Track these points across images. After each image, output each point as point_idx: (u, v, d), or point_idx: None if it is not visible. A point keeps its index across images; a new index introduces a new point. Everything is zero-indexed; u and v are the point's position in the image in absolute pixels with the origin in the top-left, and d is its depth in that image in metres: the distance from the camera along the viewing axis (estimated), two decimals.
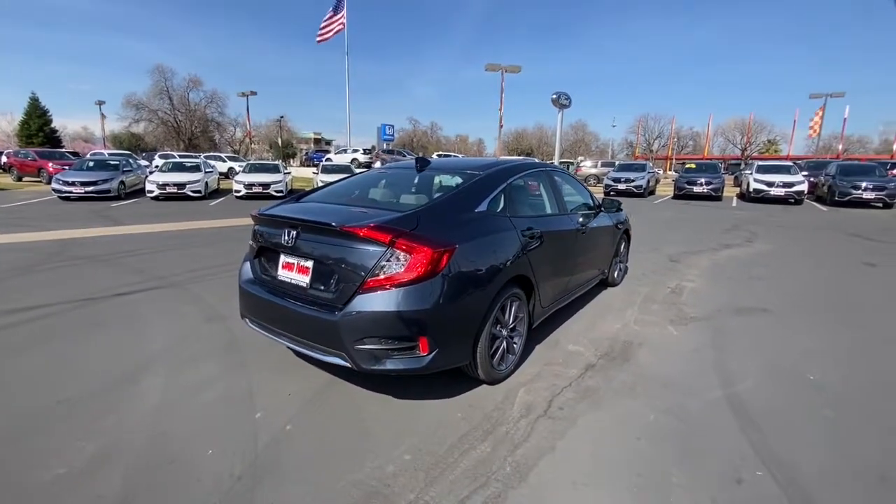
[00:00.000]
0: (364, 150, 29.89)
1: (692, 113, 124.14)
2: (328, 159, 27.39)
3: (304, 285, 2.56)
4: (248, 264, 2.98)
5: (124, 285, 5.00)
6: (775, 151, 58.92)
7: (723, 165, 25.06)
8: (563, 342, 3.59)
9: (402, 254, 2.27)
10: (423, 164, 3.41)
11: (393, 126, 45.79)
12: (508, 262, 2.74)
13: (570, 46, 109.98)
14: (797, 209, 14.36)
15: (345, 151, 29.53)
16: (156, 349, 3.38)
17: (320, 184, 7.24)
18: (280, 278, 2.70)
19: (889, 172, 15.79)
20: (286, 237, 2.59)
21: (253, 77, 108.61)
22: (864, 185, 14.56)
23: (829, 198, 15.41)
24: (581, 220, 3.93)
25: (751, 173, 17.13)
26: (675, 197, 17.83)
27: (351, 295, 2.35)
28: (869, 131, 57.84)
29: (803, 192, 15.72)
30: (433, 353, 2.35)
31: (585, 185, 6.23)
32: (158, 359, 3.22)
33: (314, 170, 18.81)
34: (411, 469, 2.12)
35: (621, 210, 4.84)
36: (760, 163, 18.52)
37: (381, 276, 2.29)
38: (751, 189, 16.35)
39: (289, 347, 2.92)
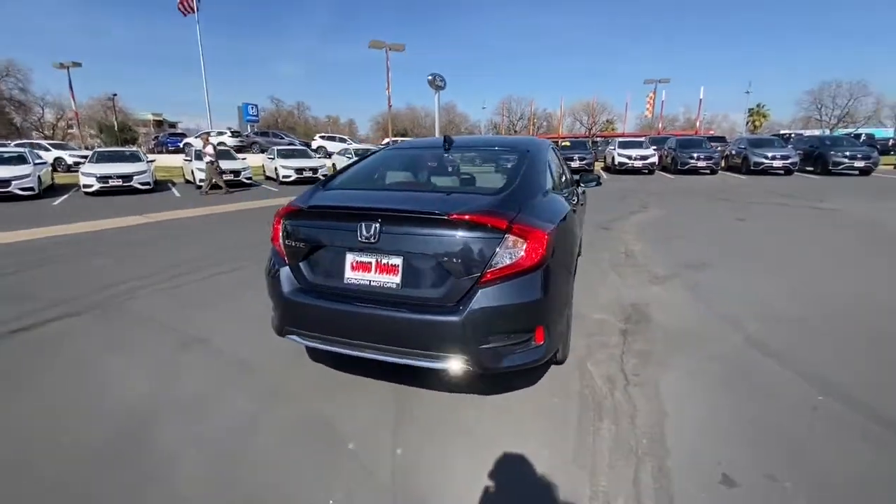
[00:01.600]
0: (232, 131, 26.47)
1: (546, 96, 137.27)
2: (188, 144, 23.73)
3: (395, 286, 2.19)
4: (285, 271, 2.43)
5: (24, 315, 3.70)
6: (612, 129, 68.54)
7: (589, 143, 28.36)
8: (585, 312, 3.74)
9: (519, 240, 2.08)
10: (449, 143, 3.15)
11: (256, 106, 41.41)
12: (575, 239, 2.73)
13: (438, 30, 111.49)
14: (654, 178, 17.03)
15: (208, 134, 25.77)
16: (144, 394, 2.60)
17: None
18: (350, 281, 2.26)
19: (711, 145, 19.62)
20: (365, 232, 2.17)
21: (71, 49, 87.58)
22: (697, 155, 17.91)
23: (672, 167, 18.59)
24: (579, 192, 4.09)
25: (614, 149, 19.77)
26: None
27: (468, 290, 2.08)
28: (675, 111, 70.05)
29: (655, 163, 18.71)
30: (546, 342, 2.24)
31: None
32: (158, 407, 2.48)
33: (184, 156, 15.93)
34: (565, 465, 2.02)
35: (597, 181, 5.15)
36: (621, 139, 21.46)
37: (500, 266, 2.07)
38: (616, 162, 18.88)
39: (353, 358, 2.50)
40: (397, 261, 2.17)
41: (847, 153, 16.55)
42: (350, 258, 2.26)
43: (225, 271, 5.08)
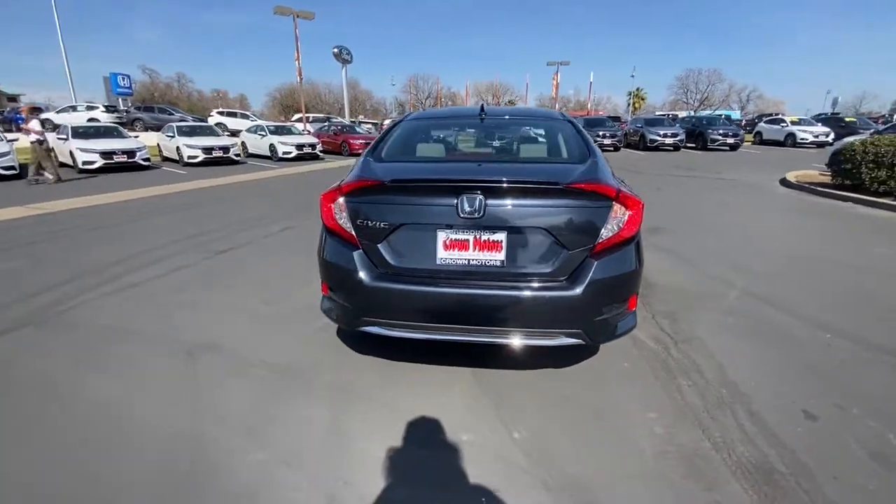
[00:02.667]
0: (106, 106, 22.45)
1: (452, 75, 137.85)
2: (47, 120, 19.70)
3: (498, 263, 2.05)
4: (358, 255, 2.14)
5: None
6: None
7: None
8: None
9: (624, 209, 2.07)
10: (485, 112, 3.00)
11: (129, 76, 35.91)
12: None
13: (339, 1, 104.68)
14: (620, 155, 17.99)
15: (73, 109, 21.58)
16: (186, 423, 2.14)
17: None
18: (444, 262, 2.07)
19: (613, 124, 21.52)
20: (467, 207, 1.98)
21: None
22: (603, 133, 19.45)
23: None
24: None
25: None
26: None
27: (581, 263, 2.03)
28: (566, 93, 75.06)
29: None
30: (636, 309, 2.29)
31: None
32: (211, 433, 2.08)
33: (57, 135, 12.99)
34: (675, 422, 2.11)
35: None
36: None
37: (610, 236, 2.04)
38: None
39: (443, 343, 2.34)
40: (501, 236, 2.03)
41: (721, 132, 19.26)
42: (442, 236, 2.06)
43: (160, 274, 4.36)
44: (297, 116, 23.22)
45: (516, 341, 2.11)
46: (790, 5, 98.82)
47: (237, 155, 14.50)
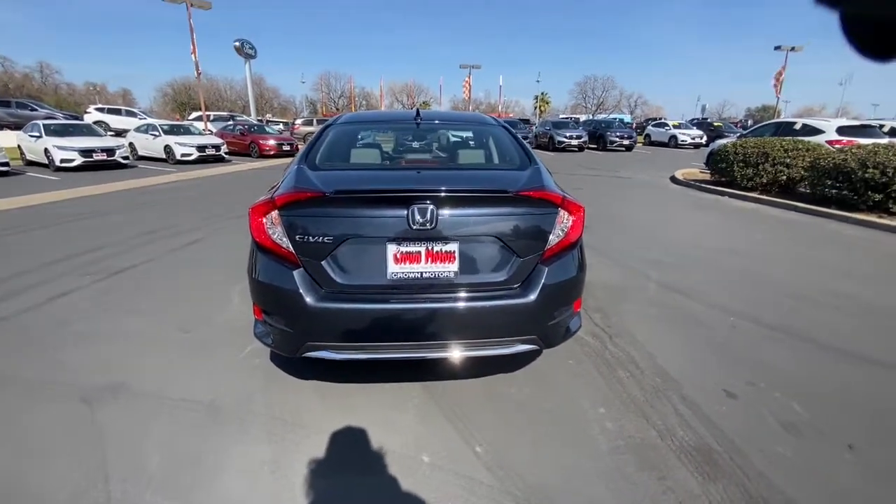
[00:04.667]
0: None
1: (366, 74, 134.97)
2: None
3: (452, 274, 1.98)
4: (299, 275, 1.94)
5: None
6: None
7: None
8: None
9: (568, 215, 2.12)
10: (420, 117, 2.91)
11: None
12: None
13: None
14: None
15: None
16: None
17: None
18: (396, 276, 1.96)
19: (523, 126, 22.62)
20: (419, 217, 1.88)
21: None
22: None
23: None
24: None
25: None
26: None
27: (533, 269, 2.04)
28: (477, 96, 77.61)
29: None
30: (580, 310, 2.37)
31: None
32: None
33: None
34: (621, 415, 2.22)
35: None
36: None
37: (557, 242, 2.08)
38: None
39: (387, 362, 2.21)
40: (453, 246, 1.97)
41: (618, 134, 21.18)
42: (392, 249, 1.95)
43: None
44: (195, 115, 21.14)
45: (473, 353, 2.07)
46: (668, 23, 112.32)
47: (125, 158, 12.76)
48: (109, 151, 12.21)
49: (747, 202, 8.36)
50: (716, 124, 28.02)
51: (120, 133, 17.92)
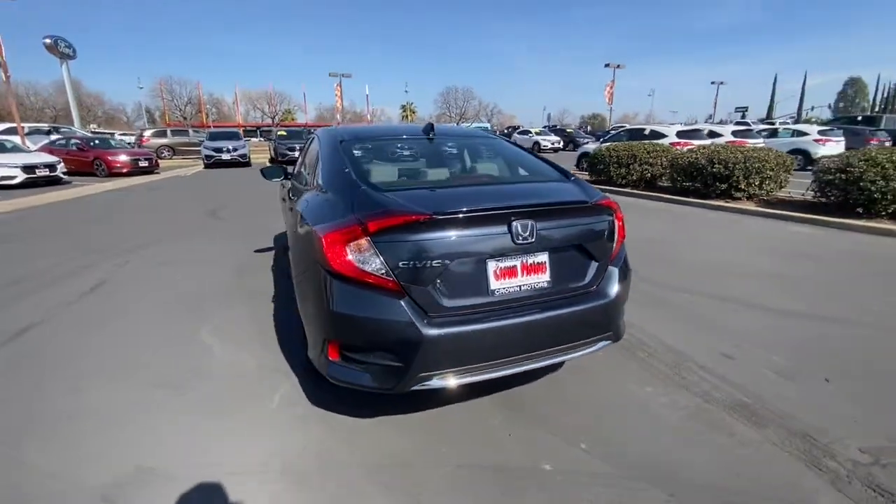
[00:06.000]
0: None
1: (216, 80, 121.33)
2: None
3: (545, 284, 2.04)
4: (405, 303, 1.81)
5: None
6: (292, 119, 68.57)
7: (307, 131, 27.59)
8: None
9: (616, 219, 2.35)
10: (430, 130, 2.89)
11: None
12: None
13: None
14: None
15: None
16: None
17: None
18: (498, 292, 1.95)
19: None
20: (522, 232, 1.92)
21: None
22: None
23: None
24: None
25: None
26: (277, 162, 18.59)
27: (604, 270, 2.22)
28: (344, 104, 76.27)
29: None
30: None
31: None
32: None
33: None
34: (667, 392, 2.54)
35: None
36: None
37: (615, 243, 2.29)
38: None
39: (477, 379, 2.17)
40: (544, 257, 2.05)
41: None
42: (493, 266, 1.95)
43: None
44: (2, 127, 16.83)
45: (569, 356, 2.17)
46: (514, 40, 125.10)
47: None
48: None
49: (626, 196, 9.87)
50: (568, 130, 32.15)
51: None
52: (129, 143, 18.80)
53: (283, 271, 4.66)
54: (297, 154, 18.22)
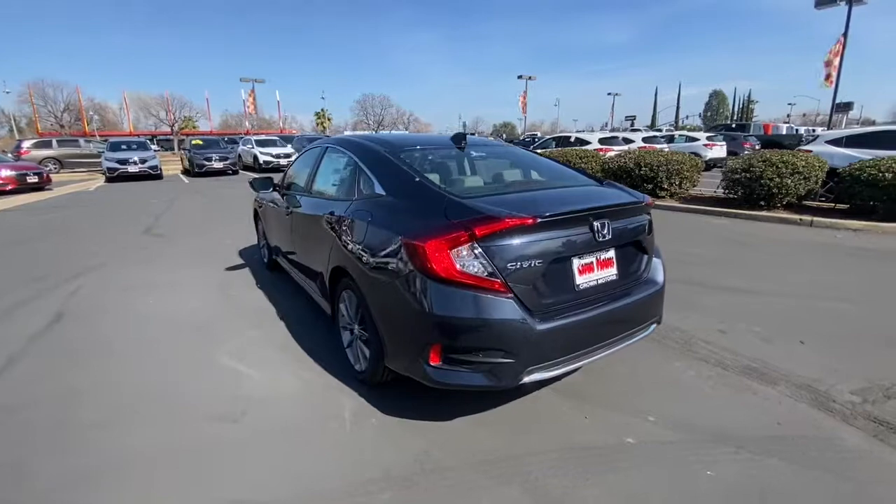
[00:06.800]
0: None
1: (98, 83, 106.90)
2: None
3: (614, 277, 2.28)
4: (514, 302, 1.94)
5: None
6: (193, 127, 63.09)
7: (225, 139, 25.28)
8: None
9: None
10: (462, 139, 3.00)
11: None
12: None
13: None
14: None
15: None
16: None
17: None
18: (581, 287, 2.15)
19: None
20: (603, 230, 2.15)
21: None
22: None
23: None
24: None
25: (251, 148, 19.24)
26: (193, 174, 17.11)
27: (650, 261, 2.52)
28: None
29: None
30: None
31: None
32: None
33: None
34: (701, 363, 2.92)
35: None
36: (260, 137, 20.99)
37: (651, 234, 2.61)
38: (258, 161, 18.55)
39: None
40: (612, 253, 2.29)
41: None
42: (577, 263, 2.14)
43: None
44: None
45: (633, 340, 2.42)
46: (422, 52, 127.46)
47: None
48: None
49: None
50: (491, 138, 33.60)
51: None
52: (13, 156, 16.04)
53: (276, 286, 4.42)
54: (216, 165, 16.98)
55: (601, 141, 13.78)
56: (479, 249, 1.93)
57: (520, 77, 35.98)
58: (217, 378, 2.78)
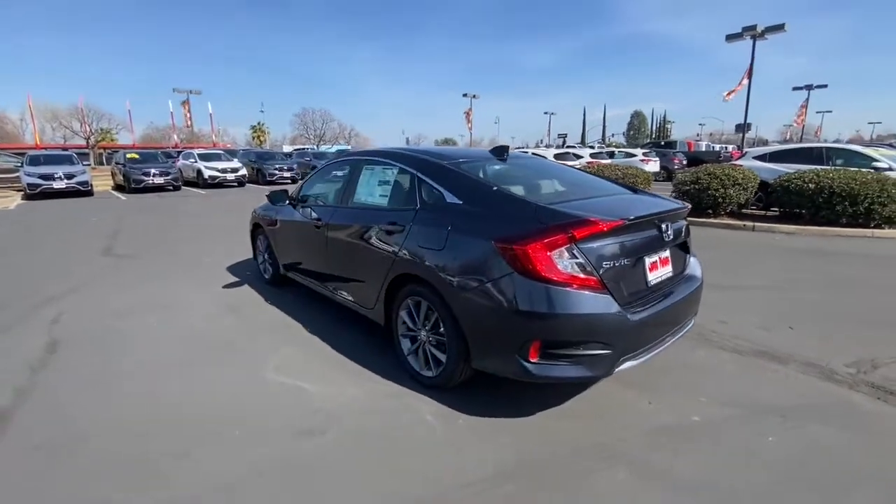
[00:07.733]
0: None
1: None
2: None
3: (671, 273, 2.56)
4: (610, 298, 2.15)
5: None
6: (112, 139, 57.96)
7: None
8: None
9: None
10: (504, 151, 3.22)
11: None
12: None
13: None
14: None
15: None
16: None
17: None
18: (652, 282, 2.40)
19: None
20: (669, 231, 2.44)
21: None
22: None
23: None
24: None
25: (194, 162, 18.20)
26: (129, 190, 15.80)
27: (690, 260, 2.85)
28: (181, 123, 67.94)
29: (244, 176, 18.87)
30: None
31: None
32: None
33: None
34: (717, 349, 3.28)
35: None
36: (202, 151, 19.82)
37: (690, 236, 2.94)
38: (202, 176, 17.57)
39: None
40: (668, 252, 2.57)
41: None
42: (648, 261, 2.39)
43: None
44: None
45: (683, 332, 2.70)
46: (361, 66, 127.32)
47: None
48: None
49: None
50: None
51: None
52: None
53: (289, 302, 4.28)
54: (157, 180, 15.81)
55: (592, 156, 14.95)
56: (577, 250, 2.12)
57: (465, 95, 37.28)
58: (280, 395, 2.69)
